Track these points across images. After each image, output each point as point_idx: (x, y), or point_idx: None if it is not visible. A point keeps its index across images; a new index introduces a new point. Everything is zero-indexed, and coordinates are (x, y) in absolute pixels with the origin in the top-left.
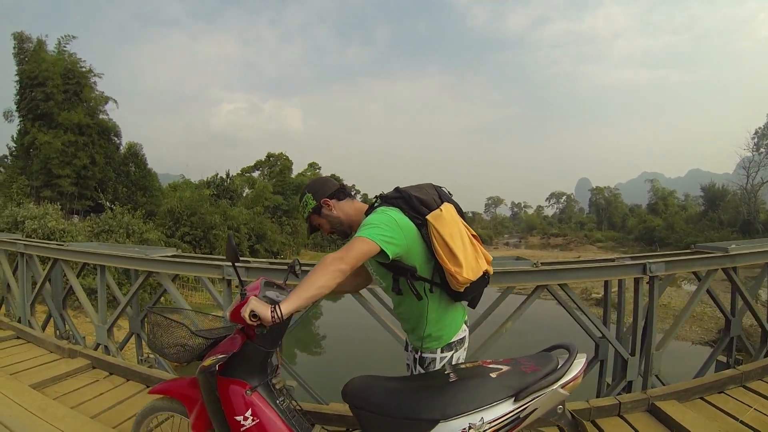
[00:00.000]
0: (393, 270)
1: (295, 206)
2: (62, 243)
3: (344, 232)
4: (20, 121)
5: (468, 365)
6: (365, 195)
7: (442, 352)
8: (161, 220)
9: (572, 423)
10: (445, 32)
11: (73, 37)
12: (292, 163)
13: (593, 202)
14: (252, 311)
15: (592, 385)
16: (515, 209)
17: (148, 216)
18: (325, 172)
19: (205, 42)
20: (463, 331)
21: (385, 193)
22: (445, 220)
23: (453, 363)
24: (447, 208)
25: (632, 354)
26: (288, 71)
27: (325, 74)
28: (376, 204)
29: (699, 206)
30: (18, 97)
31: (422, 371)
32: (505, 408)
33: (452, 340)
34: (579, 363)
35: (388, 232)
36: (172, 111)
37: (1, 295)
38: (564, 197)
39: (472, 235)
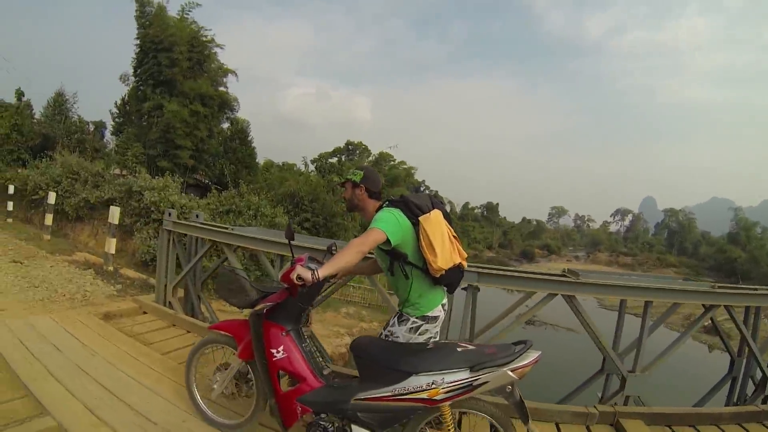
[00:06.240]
0: (391, 255)
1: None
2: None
3: (353, 209)
4: (136, 86)
5: (445, 342)
6: (435, 191)
7: (417, 319)
8: (279, 203)
9: (518, 403)
10: (520, 35)
11: (198, 4)
12: (390, 156)
13: (664, 223)
14: (298, 275)
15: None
16: (578, 222)
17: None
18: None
19: (279, 26)
20: (439, 311)
21: (394, 197)
22: (432, 222)
23: (425, 336)
24: (435, 213)
25: (632, 371)
26: (360, 61)
27: (397, 68)
28: (384, 205)
29: None
30: (137, 61)
31: (396, 323)
32: (461, 375)
33: (426, 314)
34: (531, 355)
35: (391, 226)
36: (241, 90)
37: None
38: (630, 215)
39: (453, 236)
